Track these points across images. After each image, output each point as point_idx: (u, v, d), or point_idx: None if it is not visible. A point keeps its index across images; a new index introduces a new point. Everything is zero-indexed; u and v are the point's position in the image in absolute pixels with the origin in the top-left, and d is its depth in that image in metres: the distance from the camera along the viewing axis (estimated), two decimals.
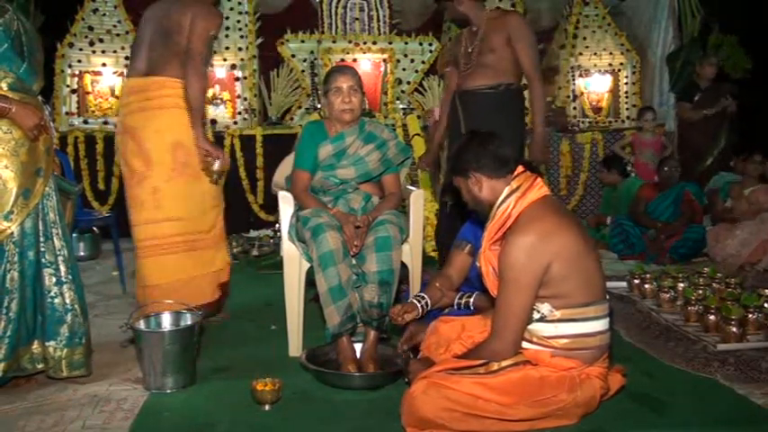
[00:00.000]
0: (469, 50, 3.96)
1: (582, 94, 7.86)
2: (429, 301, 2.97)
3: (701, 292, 3.82)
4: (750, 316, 3.41)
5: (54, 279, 2.85)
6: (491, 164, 2.43)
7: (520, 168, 2.45)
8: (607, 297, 2.44)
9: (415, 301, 2.96)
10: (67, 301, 2.87)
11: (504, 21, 3.91)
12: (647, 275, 4.22)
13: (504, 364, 2.28)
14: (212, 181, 3.47)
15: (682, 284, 4.02)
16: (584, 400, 2.32)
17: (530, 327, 2.35)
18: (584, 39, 7.89)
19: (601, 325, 2.37)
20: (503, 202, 2.39)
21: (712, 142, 6.83)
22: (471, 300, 3.00)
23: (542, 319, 2.33)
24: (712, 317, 3.45)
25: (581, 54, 7.84)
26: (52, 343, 2.85)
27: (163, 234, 3.38)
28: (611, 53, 7.90)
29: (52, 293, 2.85)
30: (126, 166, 3.46)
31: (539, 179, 2.43)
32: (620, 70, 7.91)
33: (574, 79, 7.81)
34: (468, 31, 4.04)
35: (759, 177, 5.69)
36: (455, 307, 3.02)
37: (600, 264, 2.44)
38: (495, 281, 2.40)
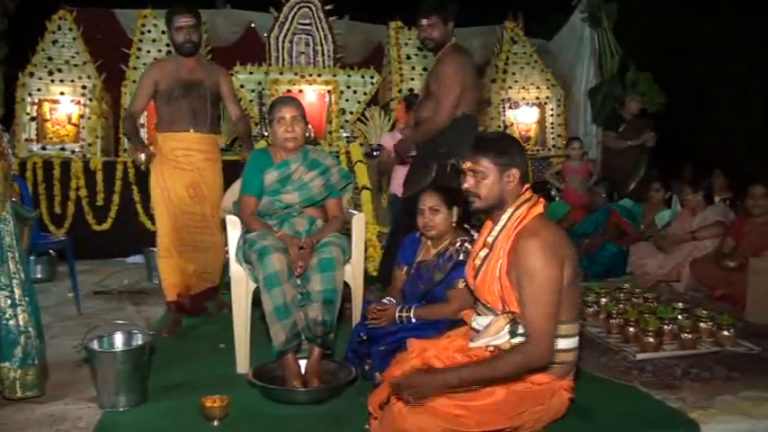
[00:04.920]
0: (427, 81, 4.04)
1: (512, 124, 7.99)
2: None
3: (621, 306, 3.89)
4: (666, 327, 3.49)
5: (9, 301, 2.78)
6: (525, 169, 2.37)
7: (527, 184, 2.42)
8: (579, 317, 2.42)
9: (386, 301, 3.07)
10: (21, 323, 2.79)
11: (441, 58, 3.94)
12: None
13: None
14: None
15: (604, 299, 4.10)
16: (553, 412, 2.32)
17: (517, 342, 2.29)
18: (514, 74, 8.05)
19: (574, 342, 2.35)
20: (518, 208, 2.33)
21: (633, 171, 6.99)
22: (411, 313, 3.00)
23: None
24: (632, 329, 3.53)
25: (510, 88, 7.99)
26: (6, 364, 2.77)
27: None
28: (538, 87, 8.07)
29: (7, 315, 2.77)
30: None
31: (541, 198, 2.40)
32: (546, 103, 8.08)
33: (504, 111, 7.94)
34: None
35: (664, 203, 5.90)
36: (398, 321, 3.01)
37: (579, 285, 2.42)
38: (492, 286, 2.33)
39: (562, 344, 2.29)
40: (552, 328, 2.19)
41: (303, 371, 2.96)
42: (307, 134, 3.35)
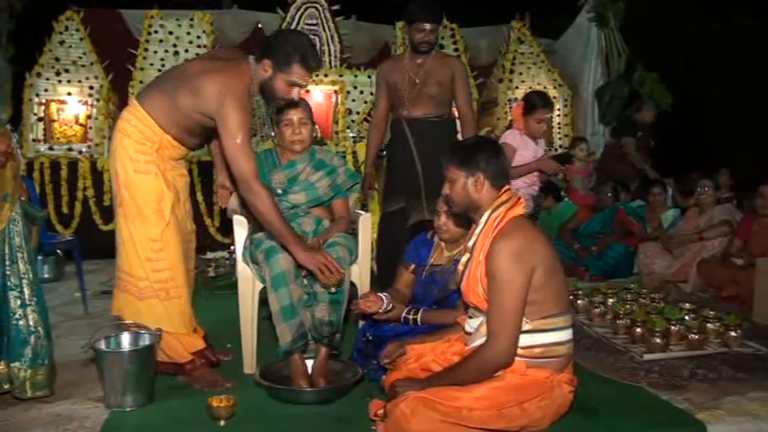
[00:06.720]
0: (416, 81, 4.05)
1: None
2: (390, 302, 2.99)
3: (628, 306, 3.89)
4: (673, 328, 3.49)
5: (19, 302, 2.78)
6: (497, 172, 2.40)
7: (506, 186, 2.45)
8: (571, 309, 2.45)
9: (381, 295, 2.99)
10: (31, 323, 2.80)
11: (449, 62, 4.15)
12: (580, 291, 4.29)
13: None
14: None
15: (611, 300, 4.09)
16: (556, 406, 2.33)
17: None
18: (521, 74, 8.04)
19: (567, 334, 2.37)
20: (494, 210, 2.37)
21: (633, 175, 6.95)
22: (418, 316, 2.99)
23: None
24: (639, 329, 3.52)
25: (517, 88, 7.98)
26: (17, 364, 2.77)
27: None
28: (545, 87, 8.02)
29: (17, 316, 2.78)
30: None
31: (522, 198, 2.45)
32: (552, 103, 8.04)
33: (511, 111, 7.93)
34: (410, 62, 4.10)
35: (665, 203, 5.94)
36: (402, 320, 3.01)
37: (565, 278, 2.45)
38: (477, 289, 2.37)
39: (554, 337, 2.33)
40: (512, 331, 2.25)
41: (310, 371, 2.96)
42: (314, 134, 3.36)
